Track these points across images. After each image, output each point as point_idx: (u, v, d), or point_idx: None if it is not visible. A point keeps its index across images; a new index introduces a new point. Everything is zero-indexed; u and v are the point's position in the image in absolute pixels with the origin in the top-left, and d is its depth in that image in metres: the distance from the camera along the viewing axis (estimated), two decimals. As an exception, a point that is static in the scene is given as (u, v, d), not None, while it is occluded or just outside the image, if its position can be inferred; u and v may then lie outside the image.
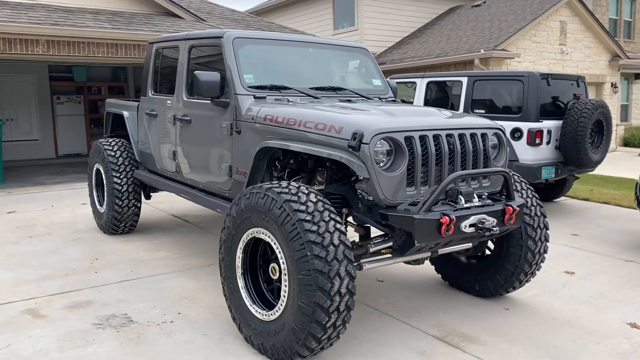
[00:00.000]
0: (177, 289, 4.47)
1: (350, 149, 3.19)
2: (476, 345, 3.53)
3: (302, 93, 4.22)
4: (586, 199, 8.65)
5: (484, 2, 19.38)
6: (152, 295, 4.31)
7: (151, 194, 6.13)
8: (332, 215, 3.05)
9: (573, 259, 5.44)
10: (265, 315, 3.27)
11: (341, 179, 3.70)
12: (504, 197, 3.67)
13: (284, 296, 3.10)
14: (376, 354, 3.38)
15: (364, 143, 3.14)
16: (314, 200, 3.09)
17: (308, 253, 2.91)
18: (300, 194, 3.09)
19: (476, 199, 3.40)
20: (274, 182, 3.24)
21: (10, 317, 3.86)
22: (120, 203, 5.73)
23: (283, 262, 3.08)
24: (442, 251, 3.72)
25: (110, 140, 6.00)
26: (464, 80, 7.61)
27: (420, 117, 3.50)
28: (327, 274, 2.89)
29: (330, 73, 4.74)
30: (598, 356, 3.43)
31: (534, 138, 6.84)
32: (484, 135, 3.64)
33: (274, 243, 3.14)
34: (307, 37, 4.84)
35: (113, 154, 5.81)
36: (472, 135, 3.57)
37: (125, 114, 5.88)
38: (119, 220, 5.83)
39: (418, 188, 3.32)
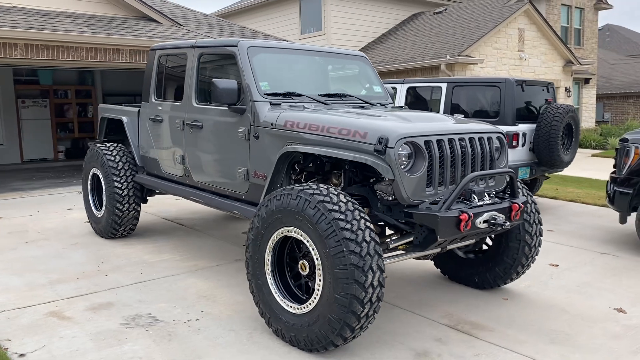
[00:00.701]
0: (192, 288, 4.61)
1: (375, 153, 3.44)
2: (486, 332, 3.85)
3: (314, 100, 4.46)
4: (554, 198, 9.20)
5: (445, 10, 20.07)
6: (169, 296, 4.44)
7: (147, 197, 6.21)
8: (362, 214, 3.30)
9: (554, 253, 5.87)
10: (298, 308, 3.48)
11: (360, 180, 3.95)
12: (507, 195, 4.01)
13: (318, 290, 3.32)
14: (400, 343, 3.64)
15: (389, 147, 3.40)
16: (344, 200, 3.33)
17: (344, 249, 3.15)
18: (331, 195, 3.33)
19: (487, 198, 3.72)
20: (303, 185, 3.46)
21: (36, 320, 3.93)
22: (121, 207, 5.80)
23: (317, 258, 3.30)
24: (450, 247, 4.02)
25: (109, 145, 6.05)
26: (444, 85, 8.00)
27: (434, 123, 3.80)
28: (361, 268, 3.14)
29: (335, 80, 4.99)
30: (594, 338, 3.80)
31: (511, 141, 7.29)
32: (489, 139, 3.97)
33: (307, 241, 3.36)
34: (313, 46, 5.07)
35: (113, 158, 5.87)
36: (480, 139, 3.89)
37: (125, 119, 5.96)
38: (119, 224, 5.90)
39: (436, 188, 3.61)
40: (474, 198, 3.64)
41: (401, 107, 4.95)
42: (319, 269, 3.31)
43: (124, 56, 9.78)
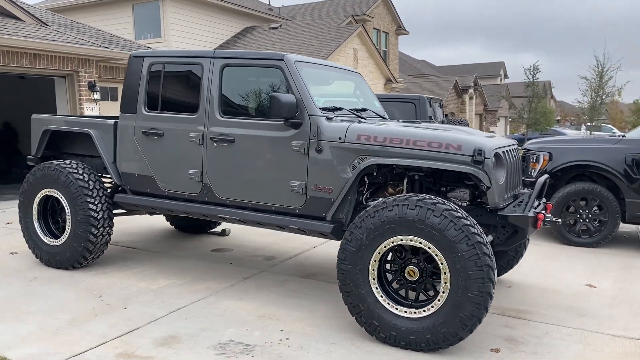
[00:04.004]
0: (240, 311, 4.39)
1: (474, 164, 3.83)
2: (530, 314, 4.50)
3: (353, 113, 4.65)
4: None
5: (280, 25, 20.89)
6: (226, 320, 4.18)
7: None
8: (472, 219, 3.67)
9: (495, 246, 6.87)
10: (415, 312, 3.69)
11: (436, 189, 4.28)
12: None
13: (443, 292, 3.59)
14: (483, 333, 4.05)
15: (486, 158, 3.83)
16: (459, 207, 3.66)
17: (479, 252, 3.48)
18: (448, 203, 3.63)
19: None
20: (414, 195, 3.69)
21: (116, 365, 3.41)
22: (96, 232, 5.12)
23: (442, 263, 3.57)
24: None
25: (71, 162, 5.28)
26: (361, 100, 8.62)
27: (490, 137, 4.32)
28: (491, 267, 3.51)
29: (351, 95, 5.21)
30: (600, 309, 4.70)
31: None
32: (517, 149, 4.65)
33: (429, 247, 3.60)
34: (332, 62, 5.21)
35: (82, 177, 5.15)
36: (516, 150, 4.55)
37: (94, 132, 5.26)
38: (91, 251, 5.19)
39: (507, 193, 4.15)
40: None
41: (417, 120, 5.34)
42: (445, 273, 3.58)
43: (-6, 58, 8.34)
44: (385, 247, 3.74)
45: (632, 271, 5.93)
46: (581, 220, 6.98)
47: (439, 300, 3.63)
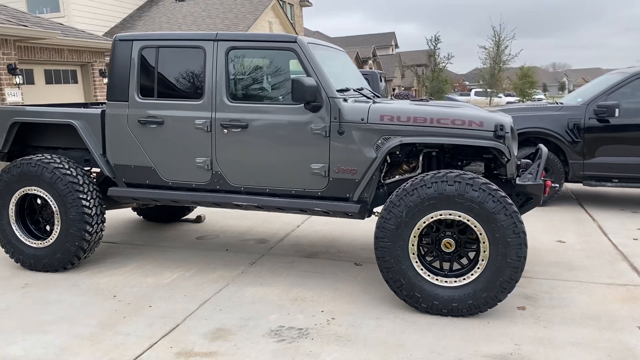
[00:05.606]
0: (269, 296, 4.39)
1: (496, 138, 4.09)
2: (529, 273, 4.91)
3: (359, 93, 4.74)
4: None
5: (188, -2, 20.05)
6: (262, 307, 4.17)
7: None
8: (501, 191, 3.96)
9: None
10: (456, 281, 3.93)
11: (453, 165, 4.50)
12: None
13: (483, 260, 3.86)
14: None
15: (506, 132, 4.10)
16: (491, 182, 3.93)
17: (516, 220, 3.78)
18: (482, 178, 3.87)
19: (531, 169, 4.77)
20: (449, 171, 3.89)
21: (184, 365, 3.31)
22: (91, 229, 4.81)
23: (480, 233, 3.83)
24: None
25: (52, 156, 4.87)
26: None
27: (495, 113, 4.62)
28: (525, 233, 3.83)
29: (344, 74, 5.27)
30: (581, 260, 5.25)
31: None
32: (511, 123, 5.00)
33: (468, 220, 3.84)
34: (323, 41, 5.20)
35: (69, 172, 4.78)
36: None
37: (78, 123, 4.87)
38: (85, 250, 4.87)
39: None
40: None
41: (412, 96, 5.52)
42: (484, 242, 3.84)
43: None
44: (424, 222, 3.92)
45: (585, 224, 6.64)
46: (531, 183, 7.62)
47: (478, 268, 3.90)
